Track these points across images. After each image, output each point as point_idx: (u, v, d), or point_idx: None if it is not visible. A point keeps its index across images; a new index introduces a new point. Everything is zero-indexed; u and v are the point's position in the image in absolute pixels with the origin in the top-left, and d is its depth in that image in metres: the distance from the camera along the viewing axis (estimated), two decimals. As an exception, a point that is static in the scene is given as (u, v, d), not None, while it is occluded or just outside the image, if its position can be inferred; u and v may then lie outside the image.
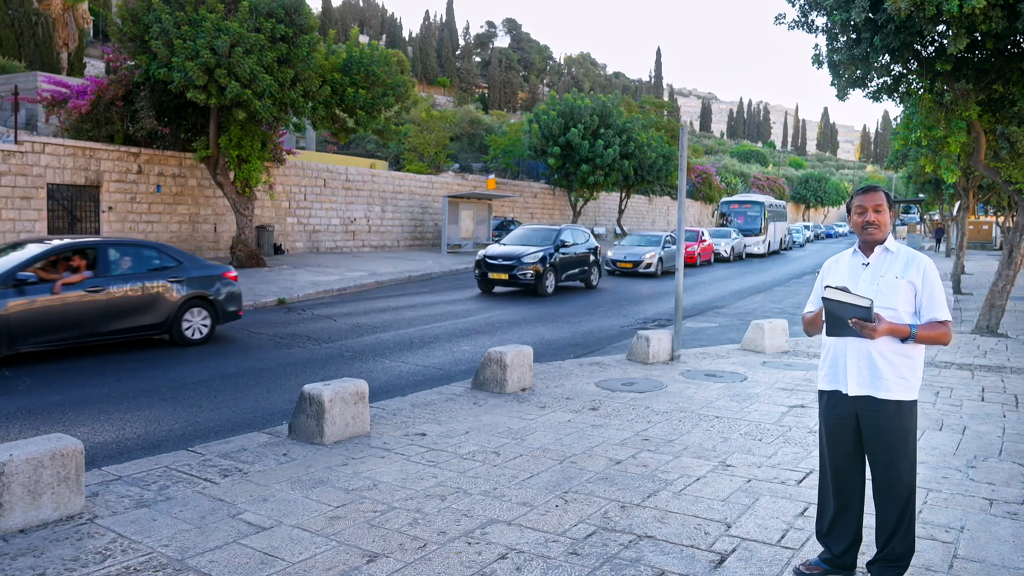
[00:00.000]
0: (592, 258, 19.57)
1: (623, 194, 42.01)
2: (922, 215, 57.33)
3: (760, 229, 36.54)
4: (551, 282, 17.67)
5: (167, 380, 8.43)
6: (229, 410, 7.28)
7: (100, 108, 18.74)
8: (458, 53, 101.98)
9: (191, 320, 10.47)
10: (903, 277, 3.46)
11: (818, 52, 11.07)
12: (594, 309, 15.73)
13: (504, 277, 17.11)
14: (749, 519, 4.41)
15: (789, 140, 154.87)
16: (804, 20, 11.08)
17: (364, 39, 41.61)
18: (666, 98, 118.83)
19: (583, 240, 19.64)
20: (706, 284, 21.99)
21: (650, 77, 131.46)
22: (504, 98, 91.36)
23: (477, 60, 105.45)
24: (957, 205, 27.09)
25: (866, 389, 3.46)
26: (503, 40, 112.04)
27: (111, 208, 19.11)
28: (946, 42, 9.62)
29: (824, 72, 24.15)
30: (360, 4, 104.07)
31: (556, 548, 3.97)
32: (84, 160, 18.41)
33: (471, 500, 4.65)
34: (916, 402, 3.50)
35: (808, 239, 54.78)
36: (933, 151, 13.39)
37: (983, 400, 7.69)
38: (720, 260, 31.72)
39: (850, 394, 3.50)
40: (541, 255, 17.35)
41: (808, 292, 3.98)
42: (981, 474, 5.29)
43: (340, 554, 3.86)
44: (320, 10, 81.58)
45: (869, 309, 3.28)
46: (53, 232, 17.58)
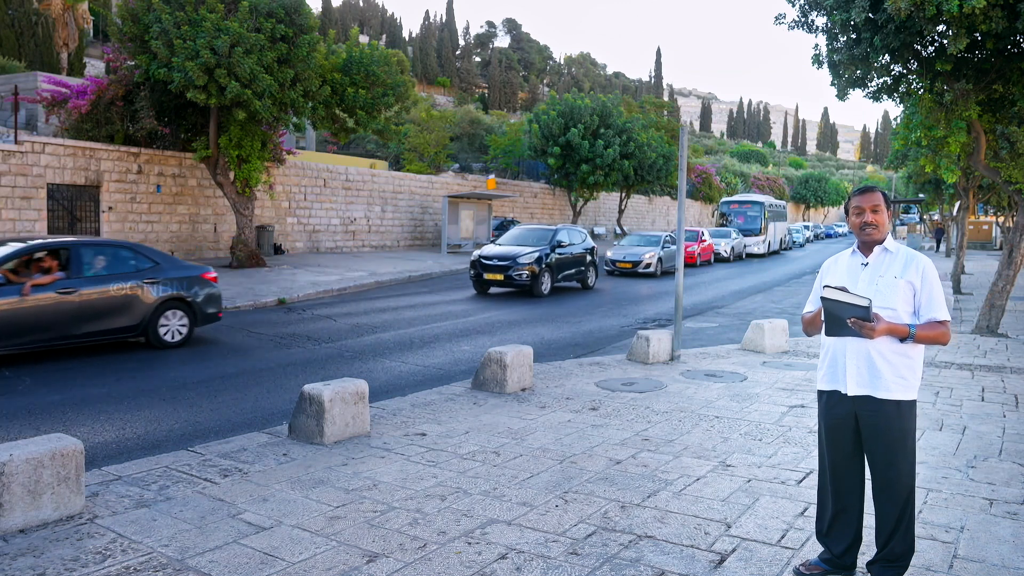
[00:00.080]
0: (589, 258, 19.39)
1: (623, 194, 42.01)
2: (922, 215, 57.32)
3: (760, 229, 36.55)
4: (547, 283, 17.52)
5: (167, 380, 8.44)
6: (229, 410, 7.28)
7: (100, 108, 18.75)
8: (458, 53, 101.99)
9: (168, 322, 10.19)
10: (902, 277, 3.46)
11: (818, 52, 11.08)
12: (594, 309, 15.73)
13: (499, 278, 16.92)
14: (749, 519, 4.41)
15: (789, 140, 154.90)
16: (804, 20, 11.08)
17: (364, 39, 41.60)
18: (666, 98, 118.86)
19: (580, 240, 19.45)
20: (706, 284, 21.99)
21: (650, 77, 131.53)
22: (504, 98, 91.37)
23: (477, 60, 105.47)
24: (957, 205, 27.09)
25: (865, 389, 3.46)
26: (503, 40, 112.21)
27: (111, 208, 19.12)
28: (946, 42, 9.62)
29: (824, 72, 24.17)
30: (360, 4, 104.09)
31: (556, 548, 3.97)
32: (84, 160, 18.42)
33: (471, 500, 4.65)
34: (915, 402, 3.50)
35: (808, 239, 54.82)
36: (933, 151, 13.39)
37: (983, 400, 7.69)
38: (720, 260, 31.72)
39: (849, 394, 3.50)
40: (537, 255, 17.19)
41: (808, 292, 3.98)
42: (981, 474, 5.29)
43: (340, 554, 3.86)
44: (320, 10, 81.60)
45: (868, 308, 3.28)
46: (53, 232, 17.58)
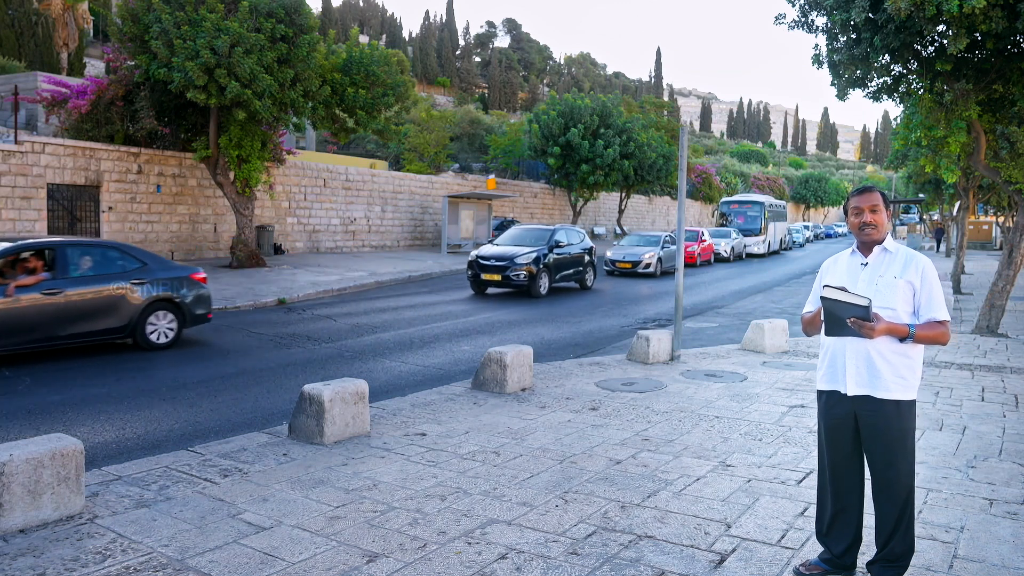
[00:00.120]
0: (587, 259, 19.31)
1: (623, 194, 42.00)
2: (922, 215, 57.32)
3: (760, 229, 36.55)
4: (545, 283, 17.44)
5: (167, 380, 8.44)
6: (229, 410, 7.28)
7: (100, 108, 18.75)
8: (458, 53, 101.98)
9: (156, 324, 10.06)
10: (902, 277, 3.46)
11: (818, 52, 11.08)
12: (594, 309, 15.73)
13: (497, 278, 16.83)
14: (749, 519, 4.41)
15: (789, 140, 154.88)
16: (804, 20, 11.08)
17: (364, 39, 41.60)
18: (666, 98, 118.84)
19: (578, 240, 19.37)
20: (706, 284, 21.99)
21: (650, 77, 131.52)
22: (504, 98, 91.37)
23: (477, 60, 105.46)
24: (957, 205, 27.09)
25: (865, 389, 3.46)
26: (503, 40, 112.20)
27: (111, 208, 19.12)
28: (946, 42, 9.62)
29: (824, 72, 24.17)
30: (360, 4, 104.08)
31: (556, 548, 3.97)
32: (84, 160, 18.42)
33: (471, 500, 4.65)
34: (915, 402, 3.50)
35: (808, 239, 54.84)
36: (933, 151, 13.39)
37: (983, 400, 7.69)
38: (720, 260, 31.72)
39: (849, 394, 3.50)
40: (535, 256, 17.12)
41: (808, 292, 3.98)
42: (981, 474, 5.29)
43: (340, 554, 3.86)
44: (320, 10, 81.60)
45: (867, 308, 3.28)
46: (53, 232, 17.59)
